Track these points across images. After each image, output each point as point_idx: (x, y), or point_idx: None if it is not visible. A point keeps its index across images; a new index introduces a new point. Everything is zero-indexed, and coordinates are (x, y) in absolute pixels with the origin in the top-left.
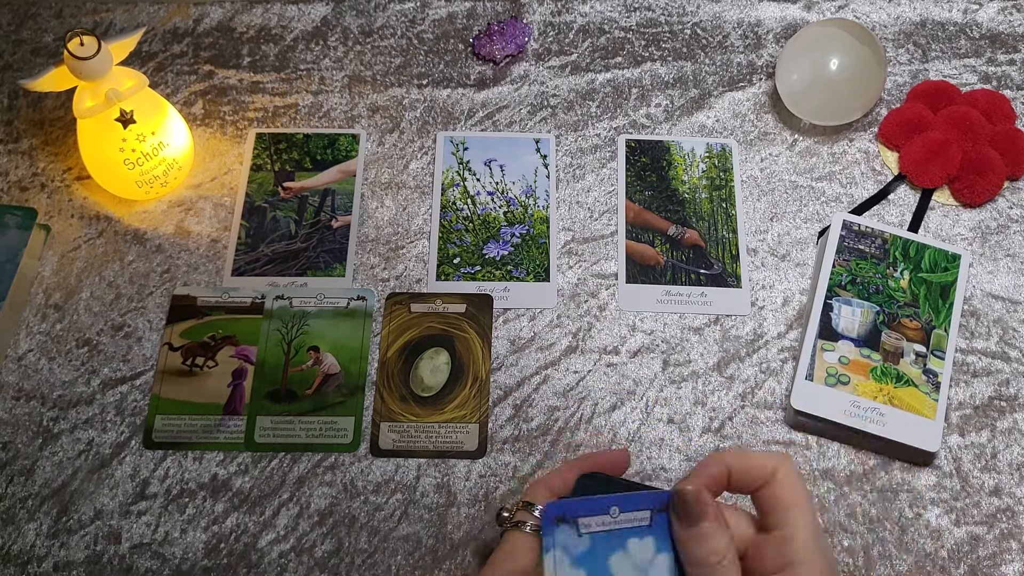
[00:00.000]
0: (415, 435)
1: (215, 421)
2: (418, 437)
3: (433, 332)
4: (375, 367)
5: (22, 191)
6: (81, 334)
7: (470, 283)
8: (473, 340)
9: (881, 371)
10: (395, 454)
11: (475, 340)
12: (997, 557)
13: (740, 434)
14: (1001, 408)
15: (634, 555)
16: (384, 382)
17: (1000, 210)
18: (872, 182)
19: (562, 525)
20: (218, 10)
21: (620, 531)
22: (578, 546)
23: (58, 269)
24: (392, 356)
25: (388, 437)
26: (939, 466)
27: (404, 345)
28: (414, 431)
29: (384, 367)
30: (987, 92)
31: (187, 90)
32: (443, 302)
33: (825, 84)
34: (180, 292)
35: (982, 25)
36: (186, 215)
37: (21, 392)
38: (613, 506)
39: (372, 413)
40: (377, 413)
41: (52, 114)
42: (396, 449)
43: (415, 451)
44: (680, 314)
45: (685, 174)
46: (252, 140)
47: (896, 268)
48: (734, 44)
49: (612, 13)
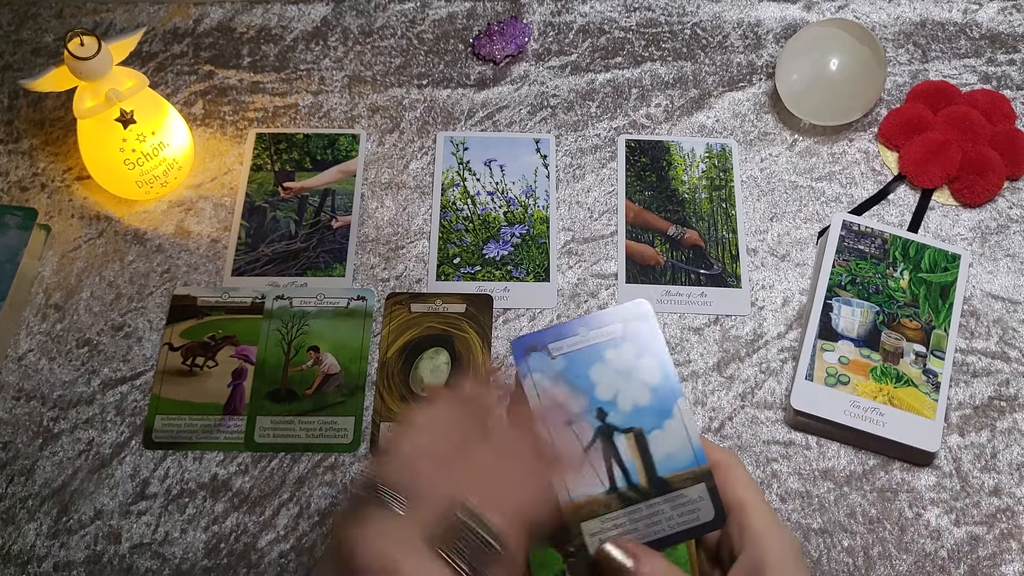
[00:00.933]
0: None
1: (215, 421)
2: None
3: (433, 332)
4: (375, 367)
5: (22, 191)
6: (81, 334)
7: (470, 283)
8: (473, 340)
9: (881, 371)
10: None
11: (475, 340)
12: (997, 557)
13: (740, 434)
14: (1001, 408)
15: (614, 362)
16: (384, 382)
17: (1000, 210)
18: (872, 182)
19: (533, 354)
20: (218, 10)
21: (593, 346)
22: (554, 367)
23: (58, 269)
24: (392, 356)
25: (388, 437)
26: (939, 466)
27: (404, 345)
28: None
29: (384, 367)
30: (987, 92)
31: (187, 90)
32: (443, 302)
33: (825, 84)
34: (180, 292)
35: (982, 25)
36: (186, 215)
37: (21, 392)
38: (580, 326)
39: (372, 413)
40: (377, 413)
41: (52, 114)
42: None
43: None
44: (680, 314)
45: (685, 174)
46: (252, 140)
47: (896, 268)
48: (734, 44)
49: (612, 13)
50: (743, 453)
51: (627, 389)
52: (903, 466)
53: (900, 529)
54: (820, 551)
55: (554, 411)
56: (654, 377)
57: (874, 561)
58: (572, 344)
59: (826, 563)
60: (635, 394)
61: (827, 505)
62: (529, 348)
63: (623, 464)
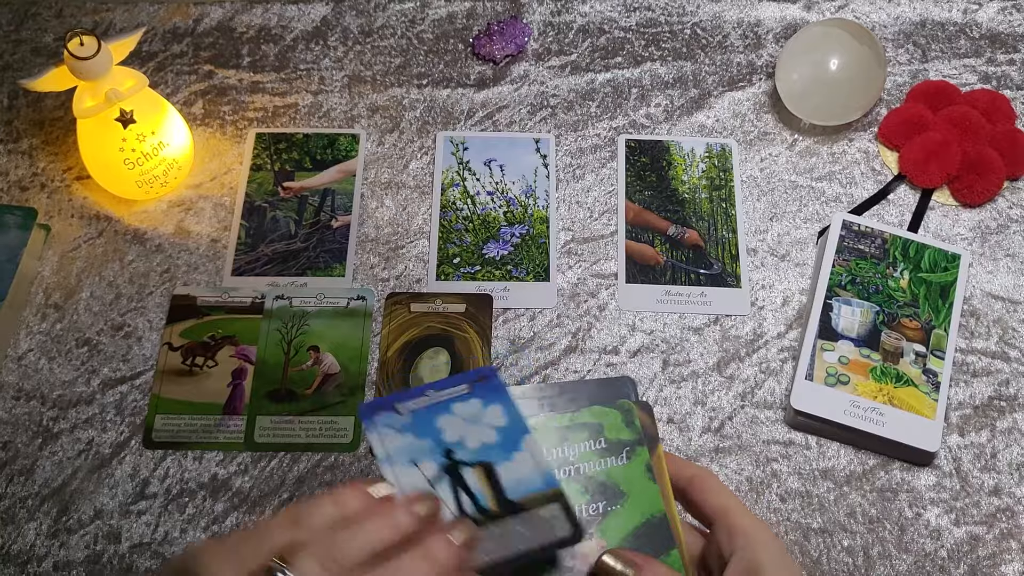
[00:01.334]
0: None
1: (215, 421)
2: None
3: (433, 332)
4: (375, 367)
5: (22, 191)
6: (81, 334)
7: (470, 283)
8: (473, 340)
9: (881, 371)
10: None
11: (475, 340)
12: (997, 557)
13: (740, 434)
14: (1001, 408)
15: (461, 412)
16: (384, 382)
17: (1000, 210)
18: (872, 182)
19: (381, 412)
20: (218, 10)
21: (440, 403)
22: (401, 421)
23: (58, 269)
24: (392, 356)
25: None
26: (939, 466)
27: (404, 345)
28: None
29: (384, 367)
30: (987, 92)
31: (187, 90)
32: (443, 302)
33: (825, 84)
34: (180, 292)
35: (982, 25)
36: (186, 215)
37: (21, 392)
38: (428, 390)
39: None
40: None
41: (52, 114)
42: None
43: None
44: (680, 314)
45: (685, 174)
46: (252, 140)
47: (896, 268)
48: (734, 44)
49: (612, 13)
50: (743, 453)
51: (474, 432)
52: (903, 466)
53: (900, 529)
54: (820, 551)
55: (399, 456)
56: (500, 421)
57: (874, 561)
58: (418, 403)
59: (826, 563)
60: (482, 435)
61: (827, 505)
62: (377, 408)
63: (471, 492)
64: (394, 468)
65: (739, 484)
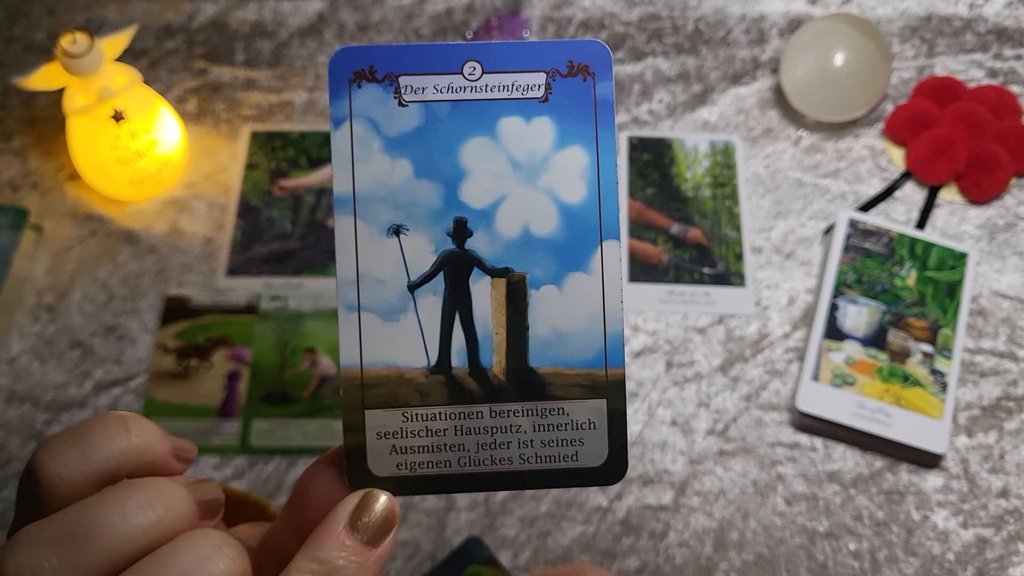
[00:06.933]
0: None
1: (210, 424)
2: None
3: None
4: None
5: (13, 191)
6: (74, 336)
7: None
8: None
9: (888, 371)
10: None
11: None
12: (1005, 560)
13: (745, 436)
14: (1009, 409)
15: (513, 143)
16: None
17: (1007, 207)
18: (878, 179)
19: (365, 84)
20: (212, 6)
21: (484, 103)
22: (398, 121)
23: (50, 270)
24: None
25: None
26: (946, 468)
27: None
28: None
29: None
30: (994, 88)
31: (180, 87)
32: None
33: (830, 79)
34: (174, 293)
35: (988, 20)
36: (180, 214)
37: (13, 395)
38: (471, 53)
39: None
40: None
41: (44, 112)
42: None
43: None
44: (683, 314)
45: (688, 171)
46: (247, 138)
47: (903, 266)
48: (737, 39)
49: (613, 7)
50: (748, 455)
51: (520, 200)
52: (910, 468)
53: (907, 532)
54: (826, 555)
55: (373, 204)
56: (576, 191)
57: (881, 564)
58: (445, 86)
59: (832, 567)
60: (532, 211)
61: (833, 508)
62: (358, 73)
63: (473, 329)
64: (359, 232)
65: (744, 488)
